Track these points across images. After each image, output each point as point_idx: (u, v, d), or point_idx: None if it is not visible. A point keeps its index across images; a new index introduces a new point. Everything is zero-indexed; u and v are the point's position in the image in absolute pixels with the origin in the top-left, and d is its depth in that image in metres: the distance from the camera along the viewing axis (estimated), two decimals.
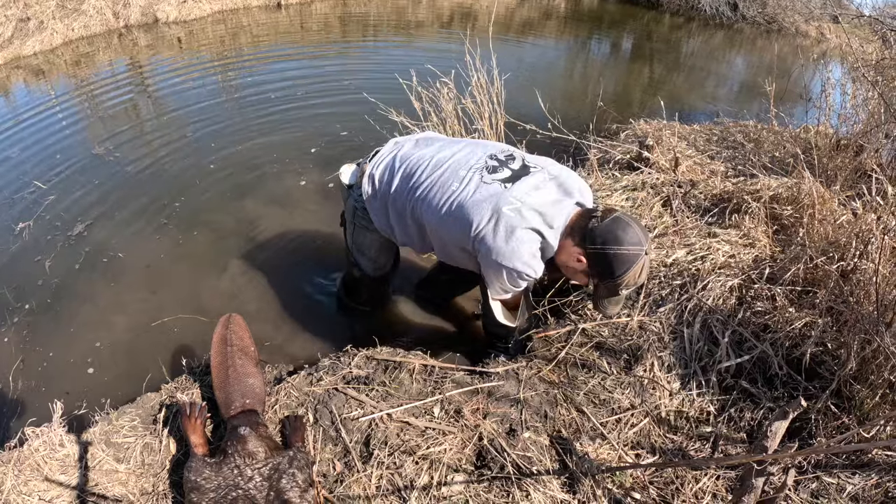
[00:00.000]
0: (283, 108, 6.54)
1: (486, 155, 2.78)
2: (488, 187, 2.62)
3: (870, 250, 3.16)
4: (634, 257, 2.49)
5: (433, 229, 2.80)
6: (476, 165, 2.72)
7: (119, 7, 9.09)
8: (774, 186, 4.12)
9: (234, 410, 2.55)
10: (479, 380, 2.93)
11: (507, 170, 2.70)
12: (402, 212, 2.86)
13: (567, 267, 2.70)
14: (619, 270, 2.52)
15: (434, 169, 2.76)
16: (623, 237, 2.48)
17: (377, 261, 3.33)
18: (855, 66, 5.31)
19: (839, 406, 2.79)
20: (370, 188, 2.95)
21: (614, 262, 2.51)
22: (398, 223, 2.94)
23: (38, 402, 3.11)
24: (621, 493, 2.48)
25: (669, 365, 3.03)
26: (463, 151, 2.83)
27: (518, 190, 2.59)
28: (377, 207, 2.97)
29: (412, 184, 2.79)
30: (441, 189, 2.70)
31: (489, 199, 2.58)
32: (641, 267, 2.54)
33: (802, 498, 2.48)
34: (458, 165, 2.74)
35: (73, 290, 3.88)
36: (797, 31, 12.10)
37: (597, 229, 2.51)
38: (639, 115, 6.12)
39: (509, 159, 2.77)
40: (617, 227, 2.49)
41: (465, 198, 2.63)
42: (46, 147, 5.58)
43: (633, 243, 2.48)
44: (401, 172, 2.84)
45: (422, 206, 2.75)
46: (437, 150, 2.88)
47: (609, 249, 2.49)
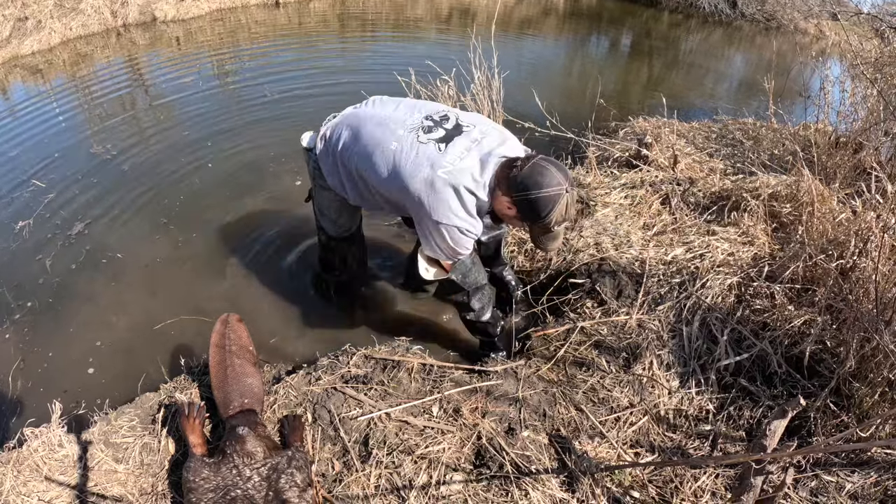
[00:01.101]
0: (281, 107, 6.53)
1: (422, 116, 2.89)
2: (424, 147, 2.74)
3: (869, 248, 3.16)
4: (556, 197, 2.58)
5: (375, 187, 2.91)
6: (412, 125, 2.84)
7: (117, 6, 9.08)
8: (773, 184, 4.12)
9: (233, 410, 2.55)
10: (477, 378, 2.94)
11: (442, 129, 2.81)
12: (350, 168, 2.97)
13: (503, 214, 2.82)
14: (544, 211, 2.60)
15: (375, 126, 2.88)
16: (542, 181, 2.57)
17: (338, 222, 3.41)
18: (854, 64, 5.30)
19: (838, 404, 2.80)
20: (322, 145, 3.08)
21: (538, 204, 2.60)
22: (348, 180, 3.04)
23: (38, 403, 3.10)
24: (620, 491, 2.49)
25: (668, 363, 3.04)
26: (401, 110, 2.97)
27: (451, 153, 2.71)
28: (329, 165, 3.08)
29: (356, 141, 2.91)
30: (380, 147, 2.81)
31: (425, 162, 2.70)
32: (565, 204, 2.62)
33: (802, 496, 2.48)
34: (395, 125, 2.86)
35: (74, 289, 3.88)
36: (796, 28, 12.10)
37: (518, 177, 2.61)
38: (638, 113, 6.11)
39: (444, 119, 2.88)
40: (535, 172, 2.59)
41: (403, 159, 2.75)
42: (44, 146, 5.57)
43: (553, 185, 2.58)
44: (348, 130, 2.96)
45: (364, 163, 2.87)
46: (380, 108, 3.02)
47: (531, 194, 2.58)
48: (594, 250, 3.78)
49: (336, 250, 3.64)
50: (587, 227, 3.94)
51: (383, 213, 3.46)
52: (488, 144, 2.78)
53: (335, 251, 3.65)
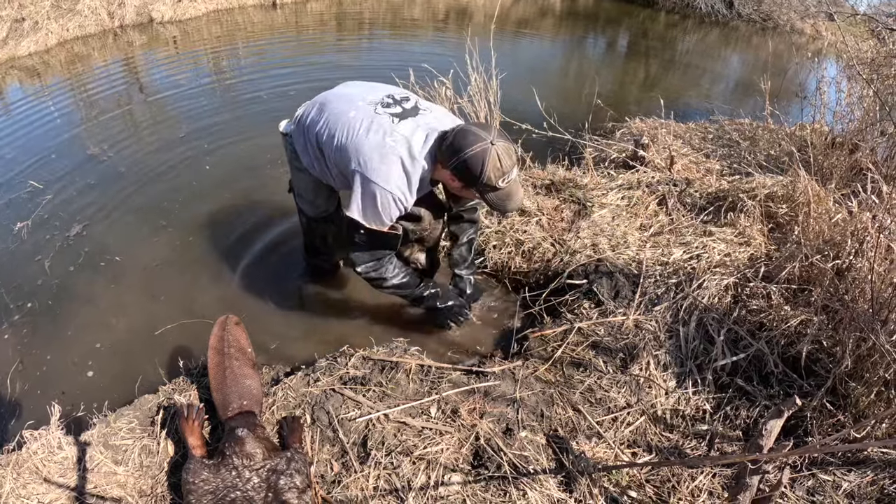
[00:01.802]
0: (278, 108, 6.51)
1: (384, 94, 3.01)
2: (379, 118, 2.85)
3: (865, 248, 3.17)
4: (483, 152, 2.66)
5: (330, 157, 2.99)
6: (373, 100, 2.95)
7: (114, 7, 9.07)
8: (770, 185, 4.14)
9: (232, 412, 2.56)
10: (475, 379, 2.94)
11: (400, 107, 2.92)
12: (313, 142, 3.05)
13: (453, 189, 2.96)
14: (478, 170, 2.68)
15: (339, 101, 3.01)
16: (465, 142, 2.68)
17: (314, 202, 3.48)
18: (850, 64, 5.31)
19: (835, 404, 2.81)
20: (294, 125, 3.18)
21: (470, 165, 2.69)
22: (314, 157, 3.11)
23: (37, 405, 3.10)
24: (618, 491, 2.50)
25: (665, 363, 3.05)
26: (364, 87, 3.10)
27: (403, 126, 2.83)
28: (301, 144, 3.15)
29: (320, 115, 3.03)
30: (340, 118, 2.92)
31: (376, 129, 2.82)
32: (495, 157, 2.68)
33: (798, 495, 2.50)
34: (356, 98, 2.98)
35: (73, 291, 3.88)
36: (792, 28, 12.11)
37: (446, 147, 2.74)
38: (634, 114, 6.12)
39: (404, 100, 2.99)
40: (459, 137, 2.70)
41: (356, 125, 2.86)
42: (41, 147, 5.57)
43: (476, 142, 2.67)
44: (316, 108, 3.08)
45: (323, 132, 2.96)
46: (349, 88, 3.15)
47: (461, 157, 2.68)
48: (591, 251, 3.79)
49: (316, 231, 3.71)
50: (584, 229, 3.95)
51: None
52: (438, 126, 2.89)
53: (315, 232, 3.72)
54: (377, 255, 3.07)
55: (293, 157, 3.25)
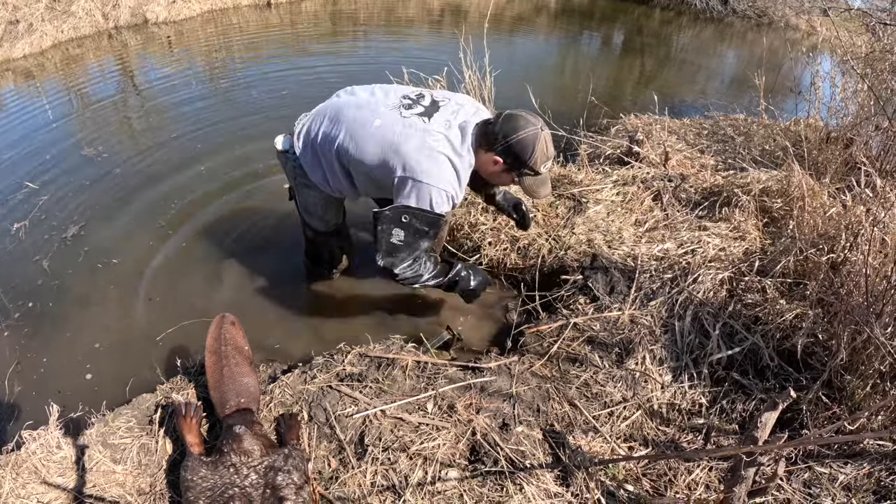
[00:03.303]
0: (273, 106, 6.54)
1: (398, 96, 3.02)
2: (409, 120, 2.87)
3: (859, 242, 3.18)
4: (533, 136, 2.81)
5: (359, 167, 2.98)
6: (392, 104, 2.97)
7: (108, 8, 9.07)
8: (764, 179, 4.14)
9: (230, 409, 2.56)
10: (471, 375, 2.95)
11: (420, 106, 2.96)
12: (331, 157, 3.04)
13: (491, 174, 3.02)
14: (527, 152, 2.82)
15: (354, 110, 2.99)
16: (517, 125, 2.81)
17: (324, 217, 3.48)
18: (844, 59, 5.32)
19: (830, 396, 2.81)
20: (300, 142, 3.15)
21: (520, 147, 2.81)
22: (329, 171, 3.11)
23: (35, 405, 3.10)
24: (614, 485, 2.50)
25: (661, 358, 3.06)
26: (377, 94, 3.07)
27: (435, 124, 2.87)
28: (310, 160, 3.14)
29: (335, 127, 3.00)
30: (364, 127, 2.91)
31: (413, 132, 2.84)
32: (544, 141, 2.85)
33: (795, 488, 2.51)
34: (375, 105, 2.98)
35: (70, 292, 3.88)
36: (787, 24, 12.13)
37: (495, 131, 2.84)
38: (629, 111, 6.12)
39: (420, 97, 3.02)
40: (509, 120, 2.83)
41: (389, 131, 2.86)
42: (36, 148, 5.57)
43: (528, 127, 2.81)
44: (325, 120, 3.06)
45: (348, 145, 2.95)
46: (355, 95, 3.12)
47: (511, 140, 2.80)
48: (586, 247, 3.80)
49: (324, 244, 3.71)
50: (579, 224, 3.96)
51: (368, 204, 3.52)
52: (464, 114, 2.97)
53: (323, 245, 3.72)
54: (414, 254, 3.06)
55: (299, 174, 3.23)
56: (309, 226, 3.56)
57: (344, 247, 3.81)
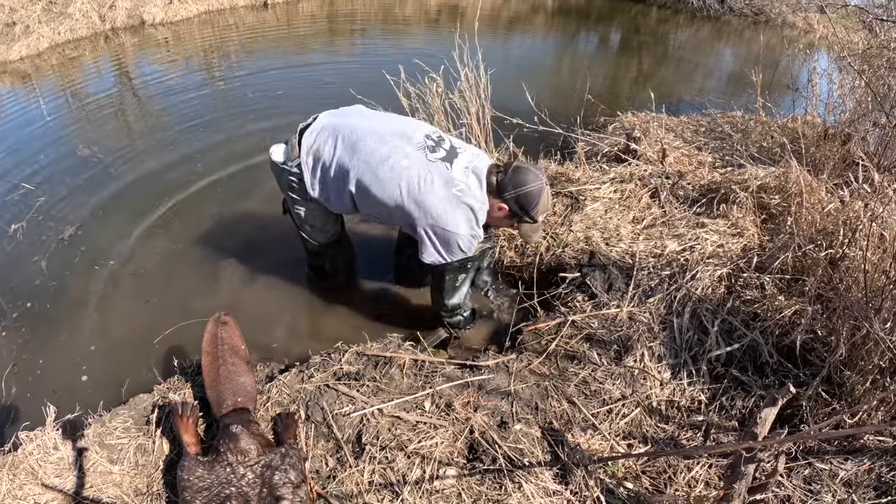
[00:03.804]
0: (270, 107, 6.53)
1: (422, 135, 3.07)
2: (435, 166, 2.96)
3: (857, 237, 3.18)
4: (539, 190, 2.96)
5: (379, 199, 3.01)
6: (418, 143, 3.02)
7: (105, 10, 9.04)
8: (762, 176, 4.14)
9: (226, 409, 2.56)
10: (469, 373, 2.95)
11: (443, 150, 3.03)
12: (344, 179, 3.03)
13: (494, 218, 3.11)
14: (532, 205, 2.97)
15: (377, 142, 3.01)
16: (525, 179, 2.95)
17: (324, 229, 3.47)
18: (841, 56, 5.32)
19: (830, 392, 2.81)
20: (310, 160, 3.11)
21: (526, 200, 2.96)
22: (334, 194, 3.12)
23: (32, 406, 3.09)
24: (614, 483, 2.50)
25: (660, 355, 3.05)
26: (397, 126, 3.12)
27: (457, 171, 2.97)
28: (317, 181, 3.14)
29: (354, 154, 3.01)
30: (388, 164, 2.95)
31: (439, 181, 2.94)
32: (547, 195, 3.03)
33: (795, 484, 2.50)
34: (400, 142, 3.02)
35: (68, 293, 3.88)
36: (784, 22, 12.10)
37: (505, 181, 2.98)
38: (627, 109, 6.11)
39: (441, 140, 3.09)
40: (518, 174, 2.97)
41: (417, 176, 2.94)
42: (32, 149, 5.57)
43: (534, 181, 2.95)
44: (340, 144, 3.05)
45: (367, 177, 2.99)
46: (377, 123, 3.13)
47: (519, 192, 2.95)
48: (584, 244, 3.79)
49: (326, 256, 3.69)
50: (577, 222, 3.95)
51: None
52: (477, 163, 3.05)
53: (325, 257, 3.70)
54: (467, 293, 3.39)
55: (296, 188, 3.21)
56: (309, 239, 3.53)
57: (346, 255, 3.82)
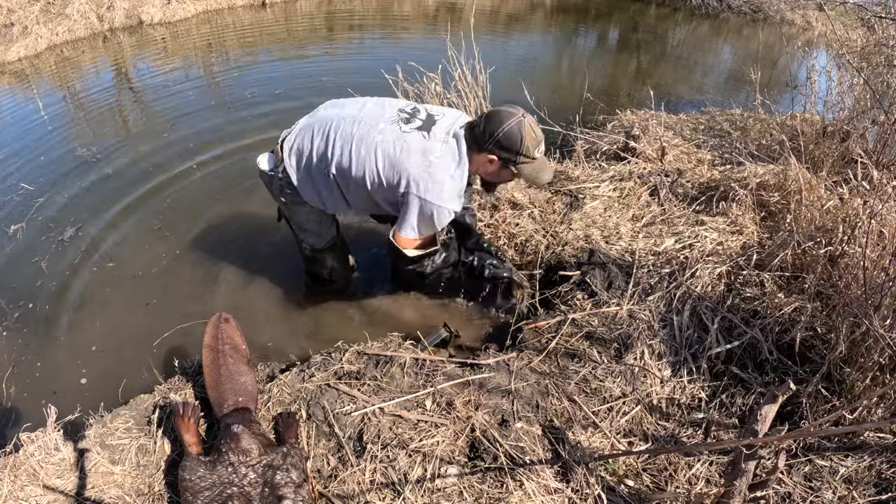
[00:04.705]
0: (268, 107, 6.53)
1: (395, 109, 3.05)
2: (410, 136, 2.93)
3: (857, 234, 3.18)
4: (518, 124, 2.86)
5: (358, 183, 3.00)
6: (390, 118, 3.00)
7: (103, 10, 9.05)
8: (761, 174, 4.15)
9: (228, 409, 2.56)
10: (469, 372, 2.94)
11: (418, 120, 3.00)
12: (326, 173, 3.03)
13: (490, 174, 3.09)
14: (516, 141, 2.87)
15: (351, 125, 2.99)
16: (500, 119, 2.87)
17: (320, 233, 3.46)
18: (840, 53, 5.33)
19: (830, 389, 2.81)
20: (292, 161, 3.11)
21: (508, 140, 2.87)
22: (324, 187, 3.11)
23: (33, 407, 3.10)
24: (615, 480, 2.50)
25: (660, 353, 3.05)
26: (370, 107, 3.08)
27: (435, 138, 2.94)
28: (302, 177, 3.12)
29: (331, 143, 2.99)
30: (363, 143, 2.94)
31: (416, 149, 2.90)
32: (530, 126, 2.89)
33: (796, 481, 2.50)
34: (373, 119, 2.99)
35: (68, 294, 3.88)
36: (783, 19, 12.11)
37: (481, 131, 2.90)
38: (626, 106, 6.12)
39: (415, 111, 3.06)
40: (491, 119, 2.89)
41: (392, 148, 2.91)
42: (31, 150, 5.58)
43: (509, 117, 2.86)
44: (319, 137, 3.04)
45: (345, 163, 2.96)
46: (347, 108, 3.11)
47: (498, 134, 2.86)
48: (584, 243, 3.79)
49: (323, 260, 3.66)
50: (576, 220, 3.96)
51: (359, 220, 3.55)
52: (456, 127, 3.01)
53: (322, 261, 3.67)
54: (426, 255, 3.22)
55: (287, 192, 3.21)
56: (305, 243, 3.52)
57: (343, 258, 3.78)
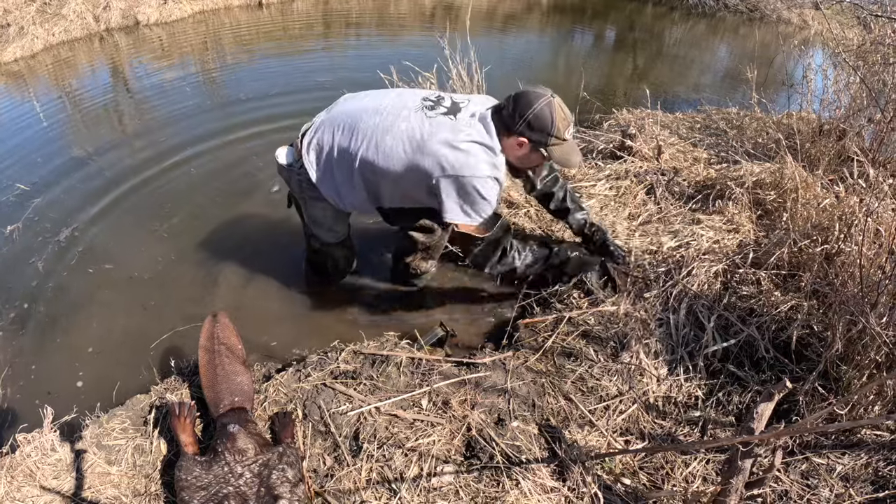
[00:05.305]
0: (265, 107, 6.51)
1: (419, 98, 3.02)
2: (436, 120, 2.89)
3: (853, 232, 3.19)
4: (548, 105, 2.82)
5: (385, 175, 2.96)
6: (414, 106, 2.96)
7: (99, 10, 9.02)
8: (757, 172, 4.15)
9: (224, 409, 2.56)
10: (466, 371, 2.94)
11: (443, 107, 2.96)
12: (350, 168, 3.00)
13: (520, 158, 3.02)
14: (547, 123, 2.83)
15: (374, 116, 2.96)
16: (529, 100, 2.83)
17: (333, 229, 3.45)
18: (836, 52, 5.33)
19: (826, 387, 2.81)
20: (311, 157, 3.08)
21: (539, 121, 2.83)
22: (344, 184, 3.07)
23: (29, 408, 3.09)
24: (611, 479, 2.50)
25: (656, 351, 3.05)
26: (391, 98, 3.05)
27: (462, 121, 2.89)
28: (322, 174, 3.09)
29: (354, 137, 2.96)
30: (389, 133, 2.90)
31: (443, 130, 2.86)
32: (559, 106, 2.86)
33: (793, 479, 2.50)
34: (396, 109, 2.96)
35: (64, 295, 3.86)
36: (779, 18, 12.11)
37: (510, 113, 2.86)
38: (622, 105, 6.12)
39: (440, 100, 3.01)
40: (520, 101, 2.85)
41: (419, 132, 2.88)
42: (26, 150, 5.55)
43: (539, 98, 2.83)
44: (339, 132, 3.00)
45: (371, 154, 2.92)
46: (368, 101, 3.08)
47: (528, 116, 2.82)
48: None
49: (329, 255, 3.66)
50: None
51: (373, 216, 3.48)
52: (482, 112, 2.95)
53: (328, 255, 3.67)
54: (498, 247, 3.15)
55: (306, 187, 3.18)
56: (316, 237, 3.51)
57: (348, 256, 3.77)
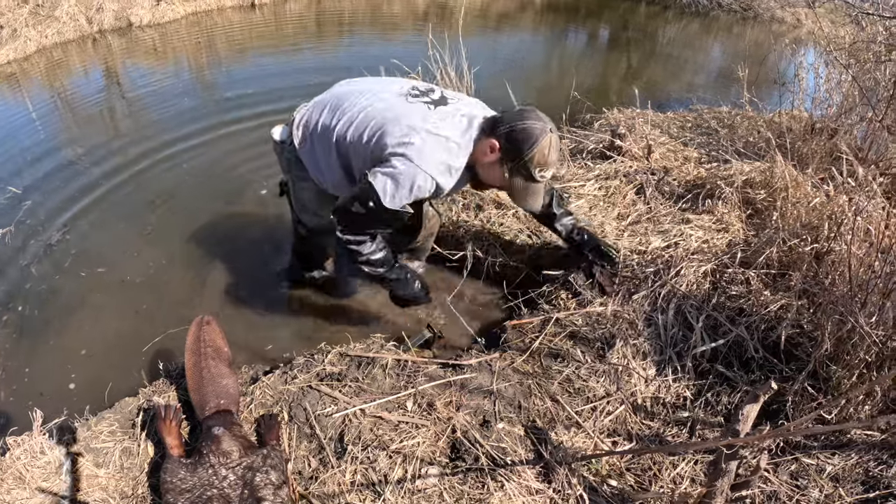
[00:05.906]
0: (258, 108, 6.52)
1: (409, 86, 2.94)
2: (413, 105, 2.79)
3: (843, 231, 3.19)
4: (540, 130, 2.65)
5: (355, 150, 2.87)
6: (399, 91, 2.89)
7: (92, 12, 9.01)
8: (748, 171, 4.15)
9: (209, 411, 2.55)
10: (451, 373, 2.94)
11: (429, 97, 2.87)
12: (329, 144, 2.94)
13: (485, 165, 2.82)
14: (527, 144, 2.65)
15: (357, 97, 2.91)
16: (526, 116, 2.68)
17: (319, 213, 3.33)
18: (828, 50, 5.33)
19: (816, 387, 2.81)
20: (299, 132, 3.05)
21: (522, 136, 2.65)
22: (326, 163, 3.02)
23: (19, 411, 3.08)
24: (597, 480, 2.49)
25: (644, 352, 3.05)
26: (382, 82, 3.04)
27: (440, 113, 2.77)
28: (307, 150, 3.06)
29: (336, 116, 2.91)
30: (366, 111, 2.83)
31: (415, 115, 2.74)
32: (549, 143, 2.67)
33: (781, 480, 2.50)
34: (381, 91, 2.91)
35: (57, 298, 3.86)
36: (773, 17, 12.13)
37: (503, 116, 2.74)
38: (614, 105, 6.11)
39: (429, 91, 2.94)
40: (520, 112, 2.72)
41: (391, 112, 2.78)
42: (20, 152, 5.55)
43: (537, 121, 2.67)
44: (325, 110, 2.97)
45: (344, 128, 2.86)
46: (360, 84, 3.04)
47: (516, 125, 2.66)
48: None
49: (316, 242, 3.64)
50: None
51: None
52: (474, 111, 2.87)
53: (314, 243, 3.65)
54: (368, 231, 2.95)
55: (294, 166, 3.15)
56: (302, 223, 3.48)
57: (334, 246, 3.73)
